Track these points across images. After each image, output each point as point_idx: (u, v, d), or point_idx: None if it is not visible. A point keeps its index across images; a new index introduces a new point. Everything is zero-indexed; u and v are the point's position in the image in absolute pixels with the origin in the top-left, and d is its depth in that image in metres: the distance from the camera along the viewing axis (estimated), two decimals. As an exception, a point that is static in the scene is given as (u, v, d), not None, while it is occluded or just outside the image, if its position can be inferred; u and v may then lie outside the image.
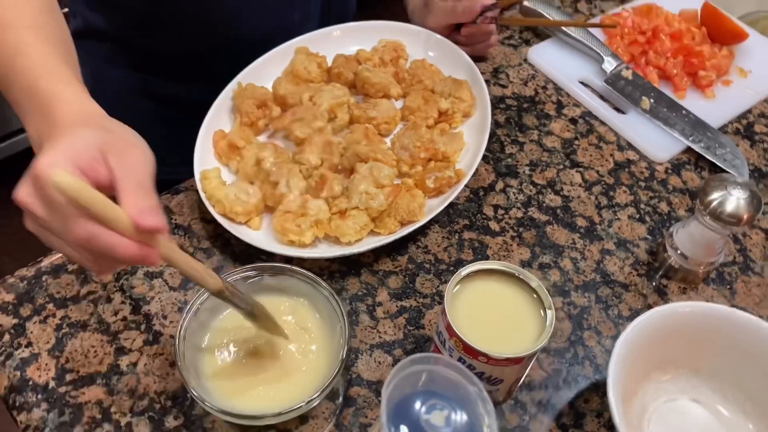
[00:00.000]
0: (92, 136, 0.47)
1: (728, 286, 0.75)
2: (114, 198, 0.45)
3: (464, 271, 0.60)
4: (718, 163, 0.85)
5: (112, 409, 0.60)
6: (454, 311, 0.58)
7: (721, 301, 0.73)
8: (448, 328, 0.57)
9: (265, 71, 0.85)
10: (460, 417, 0.41)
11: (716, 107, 0.92)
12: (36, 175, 0.45)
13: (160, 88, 0.91)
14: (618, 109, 0.92)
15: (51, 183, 0.42)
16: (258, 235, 0.71)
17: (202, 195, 0.71)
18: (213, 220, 0.72)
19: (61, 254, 0.70)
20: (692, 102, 0.92)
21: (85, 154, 0.46)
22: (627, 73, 0.93)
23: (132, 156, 0.47)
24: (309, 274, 0.62)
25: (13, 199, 0.46)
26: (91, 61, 0.90)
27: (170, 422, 0.60)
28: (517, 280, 0.60)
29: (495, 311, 0.60)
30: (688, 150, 0.87)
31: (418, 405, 0.41)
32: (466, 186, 0.79)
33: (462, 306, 0.59)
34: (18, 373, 0.62)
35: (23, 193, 0.46)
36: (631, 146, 0.88)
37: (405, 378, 0.42)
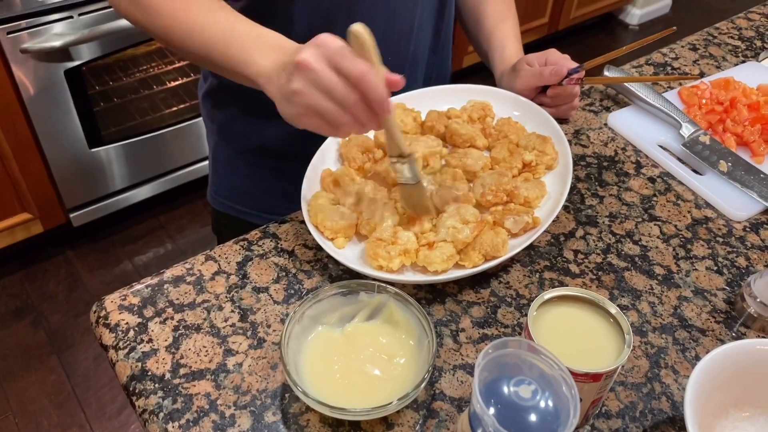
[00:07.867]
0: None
1: (809, 339, 0.76)
2: None
3: (547, 294, 0.65)
4: (797, 224, 0.87)
5: (218, 402, 0.67)
6: (536, 331, 0.62)
7: (801, 353, 0.74)
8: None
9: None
10: (546, 395, 0.45)
11: (795, 173, 0.95)
12: (320, 42, 0.63)
13: (277, 143, 1.01)
14: (696, 171, 0.96)
15: (351, 29, 0.63)
16: (353, 259, 0.78)
17: (304, 207, 0.79)
18: (314, 246, 0.80)
19: (186, 264, 0.79)
20: (771, 167, 0.95)
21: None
22: (705, 138, 0.97)
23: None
24: (400, 292, 0.68)
25: (297, 62, 0.63)
26: (220, 116, 1.03)
27: (269, 417, 0.66)
28: (596, 308, 0.64)
29: (575, 333, 0.64)
30: (767, 211, 0.90)
31: (505, 382, 0.46)
32: (547, 231, 0.84)
33: (544, 327, 0.63)
34: (139, 365, 0.70)
35: (306, 55, 0.63)
36: (708, 205, 0.91)
37: (494, 359, 0.47)
